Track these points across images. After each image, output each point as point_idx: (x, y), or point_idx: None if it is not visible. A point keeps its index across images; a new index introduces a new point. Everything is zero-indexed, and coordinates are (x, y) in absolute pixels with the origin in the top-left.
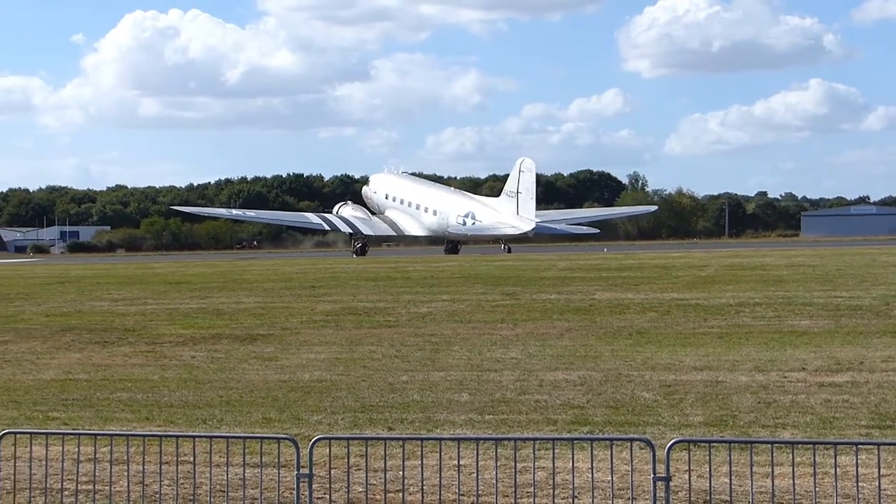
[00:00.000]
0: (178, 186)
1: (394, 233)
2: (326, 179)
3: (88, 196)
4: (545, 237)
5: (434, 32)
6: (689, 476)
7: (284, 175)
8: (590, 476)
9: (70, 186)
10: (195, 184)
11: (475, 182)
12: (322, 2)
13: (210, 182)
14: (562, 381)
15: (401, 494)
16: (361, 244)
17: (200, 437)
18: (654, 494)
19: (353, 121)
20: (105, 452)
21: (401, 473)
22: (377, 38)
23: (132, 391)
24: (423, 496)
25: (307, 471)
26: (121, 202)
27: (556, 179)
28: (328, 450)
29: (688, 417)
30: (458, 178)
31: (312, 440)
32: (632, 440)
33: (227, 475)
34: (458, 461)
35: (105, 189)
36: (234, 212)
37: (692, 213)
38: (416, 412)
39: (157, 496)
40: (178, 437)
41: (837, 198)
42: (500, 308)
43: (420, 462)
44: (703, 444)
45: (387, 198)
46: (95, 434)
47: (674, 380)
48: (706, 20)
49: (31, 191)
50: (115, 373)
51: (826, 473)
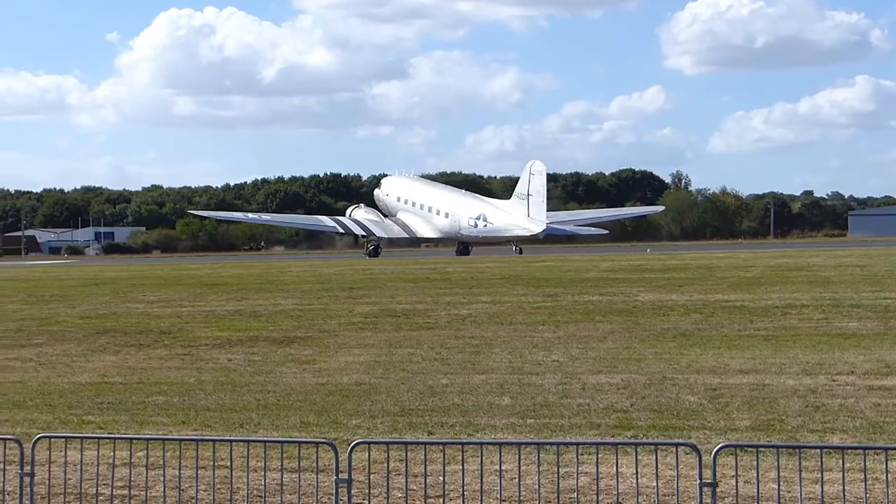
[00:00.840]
0: (214, 187)
1: (406, 235)
2: (364, 179)
3: (123, 196)
4: (554, 238)
5: (472, 29)
6: (736, 482)
7: (322, 175)
8: (634, 481)
9: (105, 187)
10: (231, 184)
11: (516, 181)
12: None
13: (246, 182)
14: (605, 385)
15: (441, 500)
16: (374, 246)
17: (237, 442)
18: (701, 500)
19: (391, 119)
20: (141, 457)
21: (441, 478)
22: (415, 36)
23: (168, 394)
24: (464, 501)
25: (346, 476)
26: (156, 202)
27: (598, 178)
28: (367, 454)
29: (734, 422)
30: (499, 178)
31: (351, 445)
32: (677, 445)
33: (265, 480)
34: (500, 466)
35: (140, 189)
36: (251, 216)
37: (736, 213)
38: (457, 416)
39: (194, 501)
40: (215, 442)
41: (885, 197)
42: (542, 310)
43: (461, 467)
44: (751, 449)
45: (399, 200)
46: (131, 438)
47: (719, 383)
48: (749, 16)
49: (66, 191)
50: (151, 376)
51: (877, 479)
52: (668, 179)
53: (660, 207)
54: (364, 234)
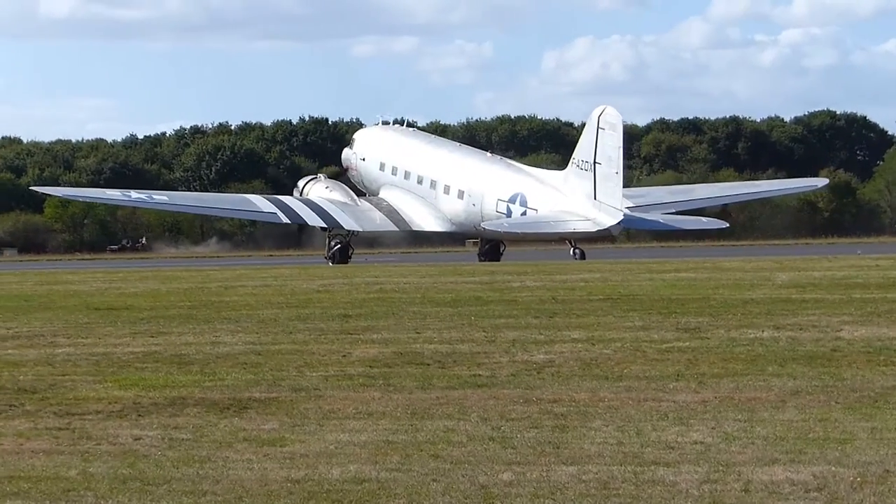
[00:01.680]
0: (111, 140)
1: (393, 227)
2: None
3: None
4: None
5: None
6: None
7: (296, 121)
8: None
9: None
10: (140, 135)
11: (630, 133)
12: None
13: (165, 133)
14: (784, 484)
15: None
16: (340, 244)
17: None
18: None
19: (413, 25)
20: None
21: None
22: None
23: (30, 500)
24: None
25: None
26: (11, 167)
27: (772, 128)
28: None
29: None
30: None
31: None
32: None
33: None
34: None
35: None
36: (135, 195)
37: None
38: None
39: None
40: None
41: None
42: (674, 353)
43: None
44: None
45: (382, 168)
46: None
47: None
48: None
49: None
50: (3, 466)
51: None
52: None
53: (821, 181)
54: (325, 226)
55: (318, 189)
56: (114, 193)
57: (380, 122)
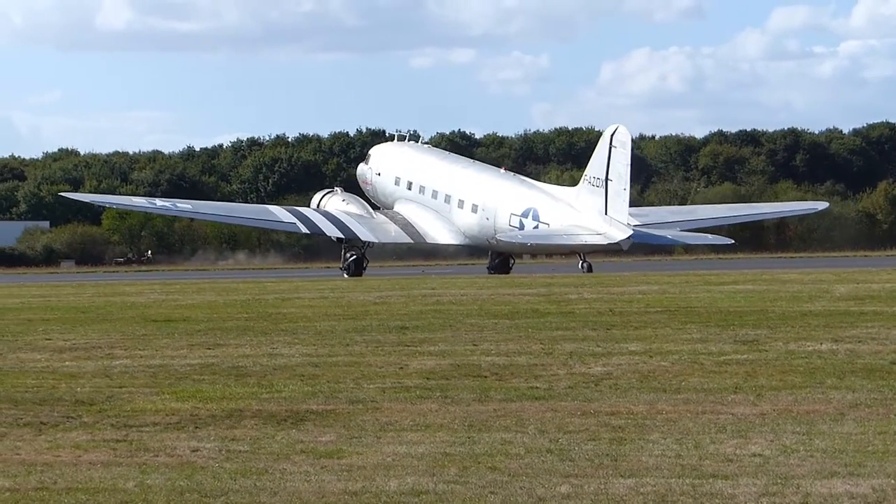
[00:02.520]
0: (167, 152)
1: (408, 239)
2: (426, 140)
3: (10, 168)
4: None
5: None
6: None
7: (353, 133)
8: None
9: None
10: (196, 147)
11: (688, 145)
12: None
13: (222, 145)
14: (843, 497)
15: None
16: (355, 256)
17: None
18: None
19: (470, 37)
20: None
21: None
22: None
23: None
24: None
25: None
26: (68, 179)
27: (830, 140)
28: None
29: None
30: (657, 138)
31: None
32: None
33: None
34: None
35: (41, 156)
36: (160, 202)
37: None
38: None
39: None
40: None
41: None
42: (732, 366)
43: None
44: None
45: (397, 183)
46: None
47: None
48: None
49: None
50: (60, 478)
51: None
52: None
53: (821, 204)
54: (341, 237)
55: (335, 202)
56: (139, 200)
57: (395, 140)
